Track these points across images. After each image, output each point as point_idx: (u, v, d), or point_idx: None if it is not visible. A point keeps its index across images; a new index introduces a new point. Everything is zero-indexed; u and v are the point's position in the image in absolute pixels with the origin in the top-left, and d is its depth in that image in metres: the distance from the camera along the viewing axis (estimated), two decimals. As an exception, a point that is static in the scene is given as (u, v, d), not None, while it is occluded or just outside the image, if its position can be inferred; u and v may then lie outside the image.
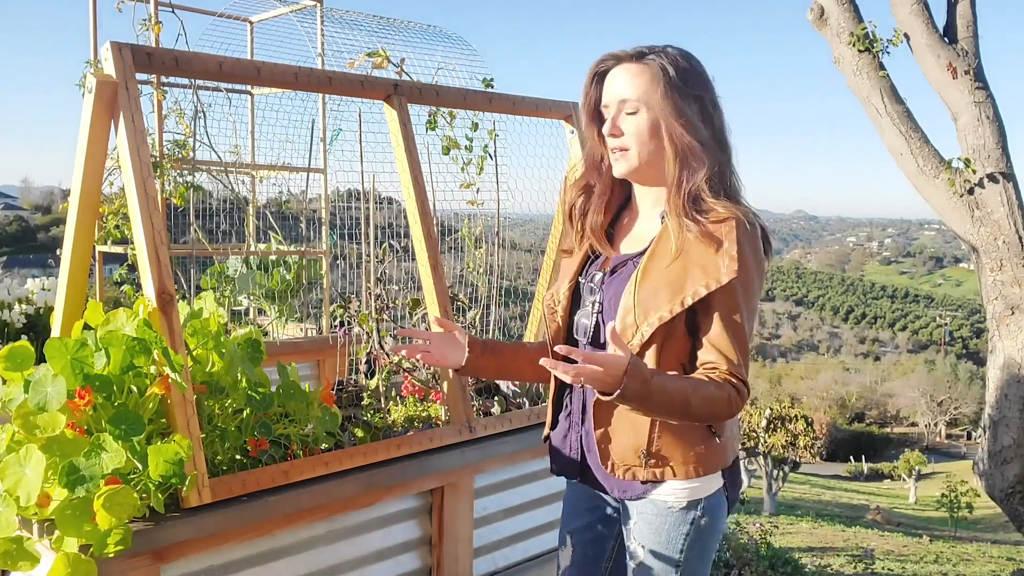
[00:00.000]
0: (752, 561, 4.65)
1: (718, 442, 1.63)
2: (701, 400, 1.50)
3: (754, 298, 1.58)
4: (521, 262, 3.27)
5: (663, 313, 1.55)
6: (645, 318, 1.57)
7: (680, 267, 1.56)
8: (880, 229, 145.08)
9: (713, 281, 1.52)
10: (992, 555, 10.25)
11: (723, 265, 1.52)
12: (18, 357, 1.71)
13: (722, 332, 1.54)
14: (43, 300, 4.10)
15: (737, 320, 1.54)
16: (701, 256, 1.54)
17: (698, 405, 1.50)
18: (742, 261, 1.52)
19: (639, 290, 1.59)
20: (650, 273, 1.59)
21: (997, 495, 4.31)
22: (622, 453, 1.64)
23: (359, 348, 2.64)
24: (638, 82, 1.61)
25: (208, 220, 3.86)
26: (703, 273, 1.53)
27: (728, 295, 1.54)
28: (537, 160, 2.87)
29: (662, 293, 1.56)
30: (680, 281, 1.55)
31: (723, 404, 1.52)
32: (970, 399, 39.26)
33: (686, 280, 1.54)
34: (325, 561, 2.03)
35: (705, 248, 1.55)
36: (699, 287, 1.53)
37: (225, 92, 3.99)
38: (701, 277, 1.53)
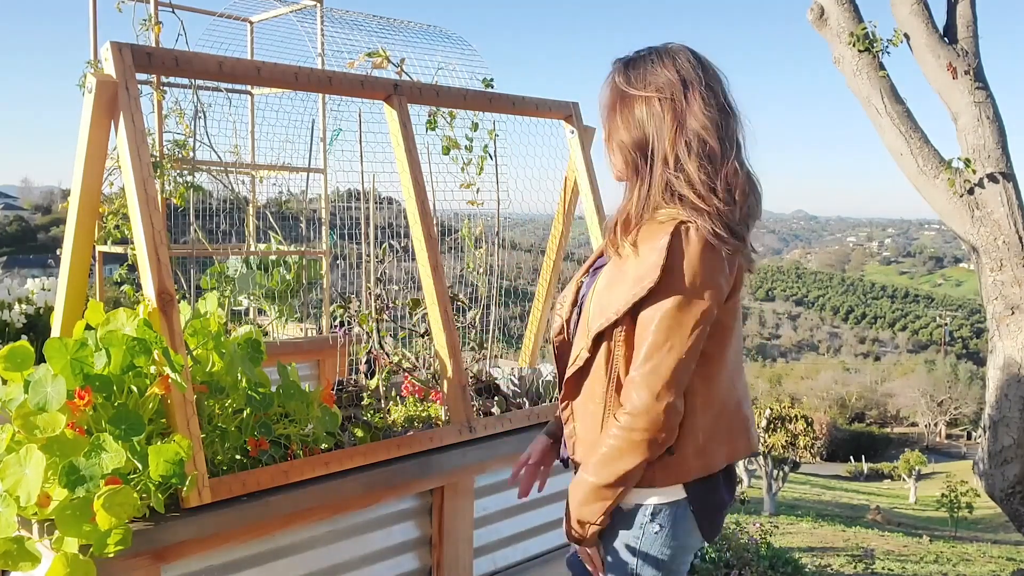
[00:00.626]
0: (752, 561, 4.65)
1: (671, 457, 1.59)
2: (607, 462, 1.55)
3: (683, 309, 1.51)
4: (521, 262, 3.27)
5: (602, 320, 1.58)
6: (593, 324, 1.60)
7: (623, 274, 1.57)
8: (880, 229, 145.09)
9: (640, 289, 1.52)
10: (992, 555, 10.24)
11: (649, 275, 1.51)
12: (18, 357, 1.72)
13: (644, 349, 1.52)
14: (43, 300, 4.09)
15: (656, 332, 1.51)
16: (639, 263, 1.54)
17: (610, 468, 1.55)
18: (668, 270, 1.50)
19: (597, 295, 1.62)
20: (605, 278, 1.63)
21: (997, 495, 4.31)
22: (585, 452, 1.66)
23: (359, 348, 2.64)
24: (601, 96, 1.69)
25: (208, 220, 3.86)
26: (635, 281, 1.53)
27: (653, 303, 1.52)
28: (537, 160, 2.87)
29: (609, 299, 1.58)
30: (621, 289, 1.56)
31: (628, 449, 1.53)
32: (970, 399, 39.26)
33: (625, 288, 1.55)
34: (325, 561, 2.03)
35: (644, 255, 1.54)
36: (629, 295, 1.54)
37: (225, 92, 3.99)
38: (631, 287, 1.54)
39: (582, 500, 1.60)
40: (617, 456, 1.54)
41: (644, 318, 1.53)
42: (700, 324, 1.52)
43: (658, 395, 1.50)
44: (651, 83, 1.59)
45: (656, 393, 1.50)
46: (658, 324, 1.51)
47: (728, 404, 1.66)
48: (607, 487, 1.56)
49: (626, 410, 1.53)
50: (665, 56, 1.61)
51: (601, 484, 1.56)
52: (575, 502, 1.61)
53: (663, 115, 1.57)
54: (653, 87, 1.59)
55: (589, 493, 1.58)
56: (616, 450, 1.54)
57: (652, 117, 1.58)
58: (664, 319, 1.51)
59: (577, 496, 1.60)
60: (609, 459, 1.55)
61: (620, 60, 1.67)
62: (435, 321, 2.36)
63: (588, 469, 1.59)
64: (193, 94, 3.72)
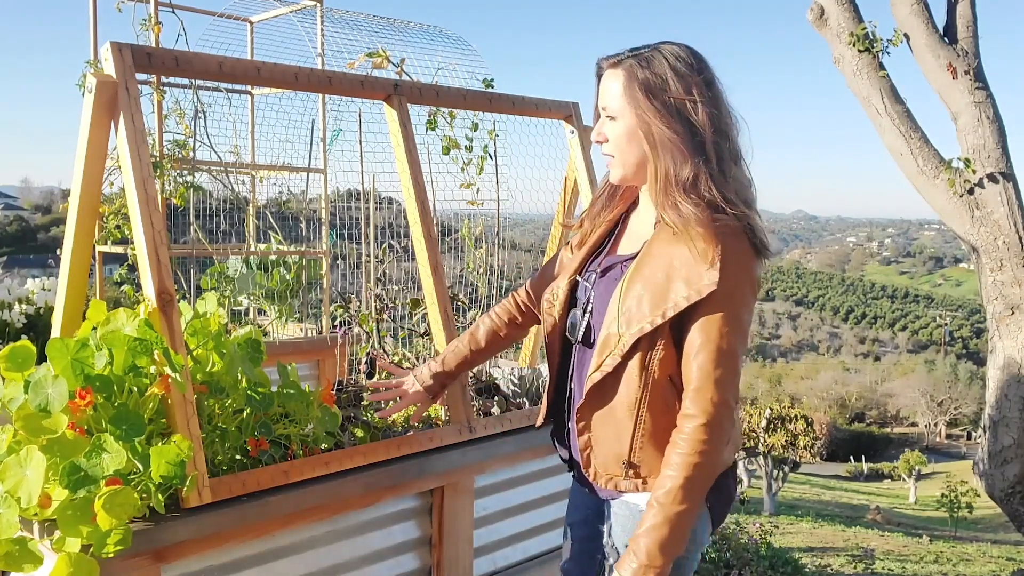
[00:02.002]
0: (752, 561, 4.65)
1: None
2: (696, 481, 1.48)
3: (742, 310, 1.51)
4: (521, 262, 3.27)
5: (644, 324, 1.53)
6: (628, 328, 1.55)
7: (665, 276, 1.53)
8: (880, 229, 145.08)
9: (695, 293, 1.48)
10: (992, 555, 10.24)
11: (705, 276, 1.48)
12: (19, 357, 1.71)
13: (709, 348, 1.49)
14: (43, 300, 4.09)
15: (725, 333, 1.49)
16: (685, 266, 1.50)
17: (702, 485, 1.50)
18: (725, 273, 1.48)
19: (624, 298, 1.57)
20: (636, 280, 1.57)
21: (997, 495, 4.31)
22: (604, 462, 1.63)
23: (359, 348, 2.64)
24: (613, 88, 1.60)
25: (208, 220, 3.86)
26: (686, 284, 1.49)
27: (711, 308, 1.49)
28: (537, 160, 2.87)
29: (645, 303, 1.53)
30: (664, 291, 1.52)
31: (714, 460, 1.49)
32: (970, 399, 39.25)
33: (669, 291, 1.51)
34: (325, 561, 2.03)
35: (690, 257, 1.50)
36: (680, 299, 1.50)
37: (225, 92, 3.99)
38: (684, 288, 1.49)
39: (679, 532, 1.48)
40: (707, 472, 1.49)
41: (707, 321, 1.49)
42: (750, 323, 1.54)
43: (729, 400, 1.50)
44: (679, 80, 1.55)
45: (728, 398, 1.49)
46: (723, 327, 1.48)
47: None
48: (695, 507, 1.49)
49: (702, 420, 1.47)
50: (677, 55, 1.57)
51: (694, 506, 1.49)
52: (666, 541, 1.47)
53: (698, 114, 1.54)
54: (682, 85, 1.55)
55: (685, 520, 1.48)
56: (706, 467, 1.48)
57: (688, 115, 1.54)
58: (728, 322, 1.49)
59: (668, 532, 1.47)
60: (700, 479, 1.49)
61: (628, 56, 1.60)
62: (435, 321, 2.36)
63: (673, 498, 1.47)
64: (193, 94, 3.72)
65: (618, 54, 1.63)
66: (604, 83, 1.63)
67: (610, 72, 1.62)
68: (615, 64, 1.61)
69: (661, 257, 1.55)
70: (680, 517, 1.48)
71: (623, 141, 1.61)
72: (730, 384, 1.49)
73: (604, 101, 1.63)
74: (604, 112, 1.63)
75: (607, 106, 1.62)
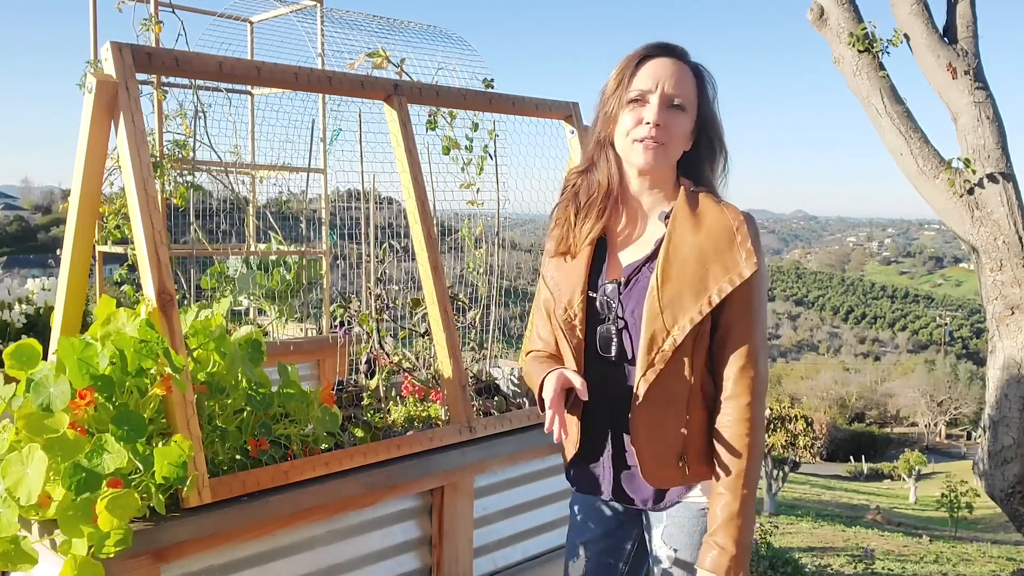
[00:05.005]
0: (752, 561, 4.65)
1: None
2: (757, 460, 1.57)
3: (766, 290, 1.65)
4: (521, 262, 3.26)
5: (693, 315, 1.55)
6: (675, 322, 1.55)
7: (699, 266, 1.57)
8: (880, 229, 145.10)
9: (736, 276, 1.55)
10: (992, 555, 10.24)
11: (741, 260, 1.56)
12: (24, 355, 1.71)
13: (748, 328, 1.58)
14: (43, 300, 4.09)
15: (759, 313, 1.60)
16: (718, 253, 1.57)
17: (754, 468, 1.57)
18: (759, 253, 1.57)
19: (662, 294, 1.57)
20: (669, 276, 1.57)
21: (997, 495, 4.31)
22: (660, 461, 1.62)
23: (359, 348, 2.64)
24: (688, 81, 1.63)
25: (208, 220, 3.86)
26: (724, 270, 1.56)
27: (748, 289, 1.58)
28: (537, 160, 2.87)
29: (687, 295, 1.56)
30: (702, 281, 1.56)
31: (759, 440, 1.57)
32: (970, 399, 39.24)
33: (708, 279, 1.56)
34: (325, 561, 2.03)
35: (720, 245, 1.58)
36: (723, 283, 1.56)
37: (225, 92, 3.99)
38: (723, 274, 1.56)
39: (749, 523, 1.55)
40: (761, 447, 1.59)
41: (745, 304, 1.58)
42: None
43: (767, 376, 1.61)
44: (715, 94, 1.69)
45: (766, 375, 1.61)
46: (758, 307, 1.60)
47: None
48: (756, 488, 1.59)
49: (750, 399, 1.56)
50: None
51: (755, 491, 1.57)
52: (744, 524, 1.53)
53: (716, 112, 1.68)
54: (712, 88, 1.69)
55: (751, 507, 1.55)
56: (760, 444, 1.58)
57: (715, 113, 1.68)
58: (763, 301, 1.60)
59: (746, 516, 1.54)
60: (757, 456, 1.57)
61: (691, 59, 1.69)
62: (435, 321, 2.36)
63: (745, 482, 1.54)
64: (193, 94, 3.72)
65: (681, 50, 1.66)
66: (674, 73, 1.62)
67: (682, 65, 1.64)
68: (682, 58, 1.65)
69: (688, 248, 1.58)
70: (750, 501, 1.54)
71: (685, 133, 1.65)
72: (766, 360, 1.59)
73: (675, 90, 1.61)
74: (672, 100, 1.61)
75: (679, 95, 1.62)
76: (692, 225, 1.60)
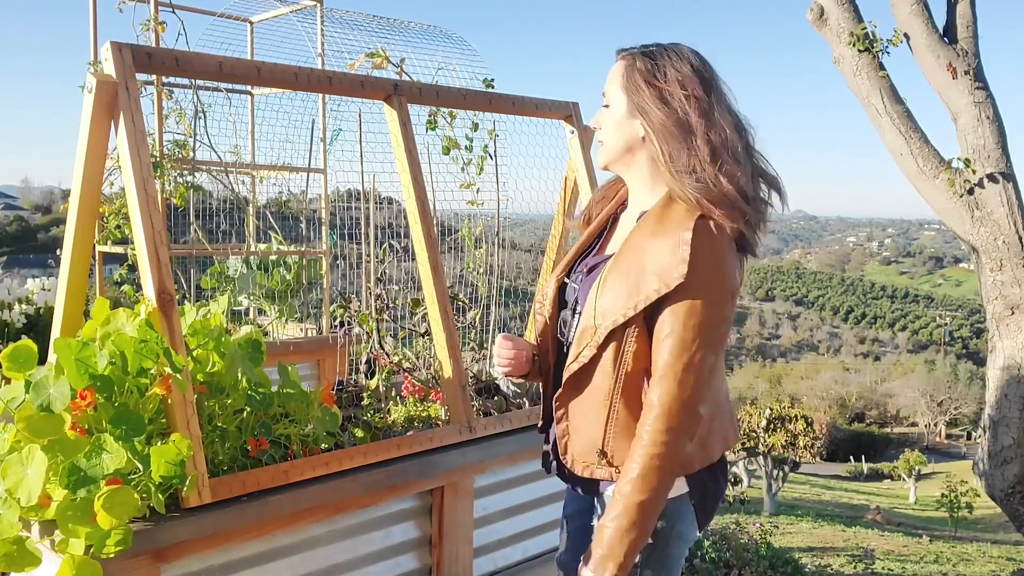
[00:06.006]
0: (752, 561, 4.65)
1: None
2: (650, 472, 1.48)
3: (710, 305, 1.51)
4: (521, 262, 3.27)
5: (617, 317, 1.55)
6: (603, 320, 1.57)
7: (639, 269, 1.55)
8: (880, 229, 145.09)
9: (664, 285, 1.50)
10: (992, 555, 10.24)
11: (675, 269, 1.49)
12: (21, 357, 1.71)
13: (672, 341, 1.50)
14: (43, 300, 4.10)
15: (681, 328, 1.50)
16: (657, 259, 1.52)
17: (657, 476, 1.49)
18: (694, 267, 1.48)
19: (602, 292, 1.59)
20: (613, 274, 1.59)
21: (997, 495, 4.31)
22: (581, 450, 1.65)
23: (359, 348, 2.64)
24: (613, 77, 1.67)
25: (208, 220, 3.86)
26: (656, 277, 1.51)
27: (677, 301, 1.50)
28: (537, 160, 2.87)
29: (622, 296, 1.56)
30: (637, 285, 1.54)
31: (671, 452, 1.49)
32: (970, 399, 39.23)
33: (641, 283, 1.53)
34: (325, 561, 2.03)
35: (662, 250, 1.52)
36: (651, 291, 1.51)
37: (225, 92, 3.99)
38: (654, 281, 1.51)
39: (634, 523, 1.49)
40: (664, 462, 1.49)
41: (670, 314, 1.50)
42: (727, 320, 1.55)
43: (692, 391, 1.50)
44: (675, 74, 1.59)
45: (691, 390, 1.49)
46: (686, 320, 1.49)
47: (722, 397, 1.68)
48: (659, 498, 1.51)
49: (660, 413, 1.49)
50: (680, 53, 1.62)
51: (654, 496, 1.49)
52: (622, 530, 1.49)
53: (688, 107, 1.57)
54: (678, 79, 1.58)
55: (642, 512, 1.49)
56: (663, 457, 1.49)
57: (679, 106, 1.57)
58: (695, 315, 1.49)
59: (625, 522, 1.49)
60: (657, 468, 1.49)
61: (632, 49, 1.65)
62: (435, 321, 2.36)
63: (632, 489, 1.49)
64: (193, 94, 3.72)
65: (631, 47, 1.68)
66: (610, 72, 1.69)
67: (616, 63, 1.68)
68: (621, 55, 1.67)
69: (638, 251, 1.57)
70: (640, 508, 1.49)
71: (612, 127, 1.67)
72: (691, 378, 1.49)
73: (605, 88, 1.69)
74: (602, 100, 1.69)
75: (604, 93, 1.68)
76: (653, 229, 1.57)
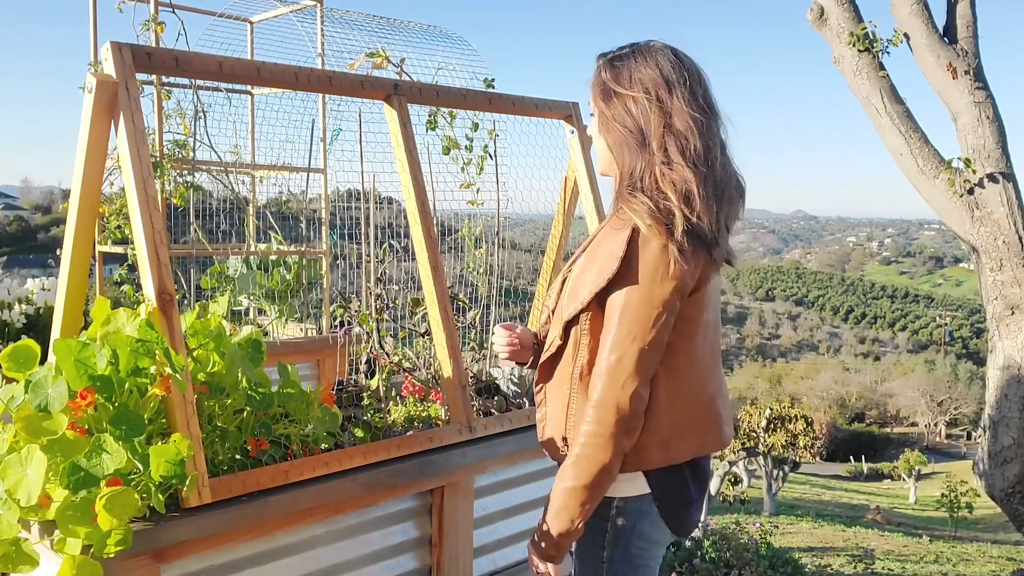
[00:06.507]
0: (752, 561, 4.65)
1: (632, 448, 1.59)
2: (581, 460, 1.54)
3: (644, 303, 1.52)
4: (521, 262, 3.27)
5: (570, 310, 1.62)
6: (562, 312, 1.65)
7: (591, 266, 1.61)
8: (880, 229, 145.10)
9: (601, 280, 1.55)
10: (992, 555, 10.24)
11: (611, 265, 1.54)
12: (21, 356, 1.71)
13: (603, 336, 1.56)
14: (43, 300, 4.10)
15: (616, 324, 1.54)
16: (604, 254, 1.58)
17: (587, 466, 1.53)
18: (628, 265, 1.53)
19: (567, 287, 1.67)
20: (575, 271, 1.68)
21: (997, 495, 4.31)
22: (552, 436, 1.72)
23: (359, 348, 2.64)
24: (591, 87, 1.71)
25: (208, 220, 3.86)
26: (599, 273, 1.57)
27: (614, 298, 1.55)
28: (537, 160, 2.87)
29: (579, 291, 1.62)
30: (587, 280, 1.60)
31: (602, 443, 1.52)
32: (970, 399, 39.24)
33: (589, 279, 1.59)
34: (325, 561, 2.03)
35: (609, 246, 1.57)
36: (593, 286, 1.57)
37: (225, 92, 3.99)
38: (597, 277, 1.57)
39: (560, 507, 1.55)
40: (592, 452, 1.53)
41: (608, 309, 1.56)
42: (662, 315, 1.53)
43: (623, 384, 1.53)
44: (636, 81, 1.60)
45: (622, 383, 1.53)
46: (620, 315, 1.54)
47: (699, 398, 1.66)
48: (586, 487, 1.54)
49: (593, 403, 1.54)
50: (648, 54, 1.62)
51: (579, 484, 1.54)
52: (551, 512, 1.57)
53: (649, 113, 1.58)
54: (639, 85, 1.60)
55: (568, 498, 1.55)
56: (590, 447, 1.53)
57: (639, 115, 1.59)
58: (626, 310, 1.53)
59: (555, 504, 1.56)
60: (583, 457, 1.54)
61: (604, 56, 1.69)
62: (435, 321, 2.36)
63: (564, 474, 1.57)
64: (193, 94, 3.72)
65: (606, 52, 1.70)
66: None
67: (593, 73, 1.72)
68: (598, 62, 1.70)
69: (595, 249, 1.63)
70: (566, 494, 1.55)
71: (595, 136, 1.72)
72: (620, 374, 1.52)
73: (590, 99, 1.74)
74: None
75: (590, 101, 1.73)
76: (611, 229, 1.60)
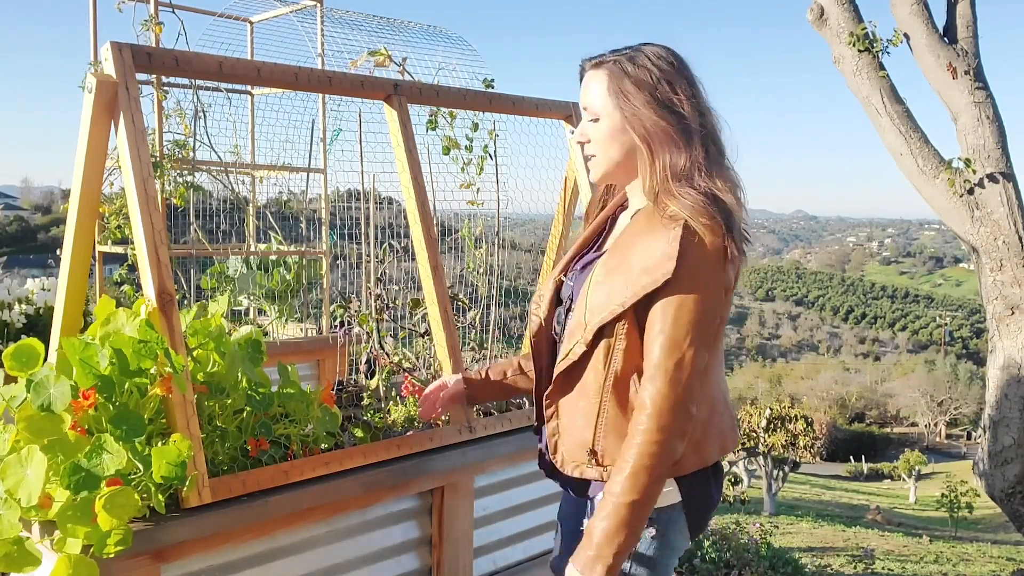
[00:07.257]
0: (752, 561, 4.65)
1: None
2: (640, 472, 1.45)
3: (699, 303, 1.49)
4: (521, 262, 3.27)
5: (604, 314, 1.54)
6: (593, 316, 1.56)
7: (630, 266, 1.54)
8: (880, 229, 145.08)
9: (651, 282, 1.49)
10: (992, 555, 10.24)
11: (663, 265, 1.48)
12: (24, 356, 1.71)
13: (654, 339, 1.49)
14: (43, 300, 4.10)
15: (671, 326, 1.49)
16: (647, 255, 1.52)
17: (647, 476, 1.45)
18: (683, 264, 1.48)
19: (593, 289, 1.59)
20: (604, 271, 1.59)
21: (997, 495, 4.31)
22: (571, 449, 1.64)
23: (359, 348, 2.64)
24: (595, 89, 1.62)
25: (208, 220, 3.86)
26: (644, 274, 1.50)
27: (667, 299, 1.49)
28: (537, 160, 2.87)
29: (610, 292, 1.55)
30: (627, 282, 1.53)
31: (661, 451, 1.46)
32: (970, 399, 39.23)
33: (631, 280, 1.52)
34: (325, 561, 2.03)
35: (652, 247, 1.52)
36: (639, 287, 1.50)
37: (225, 92, 3.99)
38: (643, 277, 1.50)
39: (621, 523, 1.45)
40: (653, 462, 1.46)
41: (660, 311, 1.49)
42: (716, 317, 1.52)
43: (684, 389, 1.47)
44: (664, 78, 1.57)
45: (683, 387, 1.47)
46: (677, 317, 1.48)
47: (719, 399, 1.65)
48: (650, 499, 1.47)
49: (649, 411, 1.47)
50: (661, 54, 1.60)
51: (640, 497, 1.45)
52: (611, 529, 1.46)
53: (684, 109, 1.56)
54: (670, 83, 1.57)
55: (630, 513, 1.45)
56: (651, 456, 1.46)
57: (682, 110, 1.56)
58: (684, 312, 1.48)
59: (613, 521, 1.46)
60: (644, 468, 1.46)
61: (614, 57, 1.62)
62: (435, 321, 2.36)
63: (618, 489, 1.46)
64: (193, 94, 3.72)
65: (600, 55, 1.64)
66: (586, 84, 1.65)
67: (592, 73, 1.64)
68: (597, 65, 1.63)
69: (629, 248, 1.57)
70: (629, 509, 1.45)
71: (606, 140, 1.63)
72: (681, 376, 1.47)
73: (586, 101, 1.65)
74: (586, 112, 1.65)
75: (589, 106, 1.64)
76: (644, 226, 1.56)
